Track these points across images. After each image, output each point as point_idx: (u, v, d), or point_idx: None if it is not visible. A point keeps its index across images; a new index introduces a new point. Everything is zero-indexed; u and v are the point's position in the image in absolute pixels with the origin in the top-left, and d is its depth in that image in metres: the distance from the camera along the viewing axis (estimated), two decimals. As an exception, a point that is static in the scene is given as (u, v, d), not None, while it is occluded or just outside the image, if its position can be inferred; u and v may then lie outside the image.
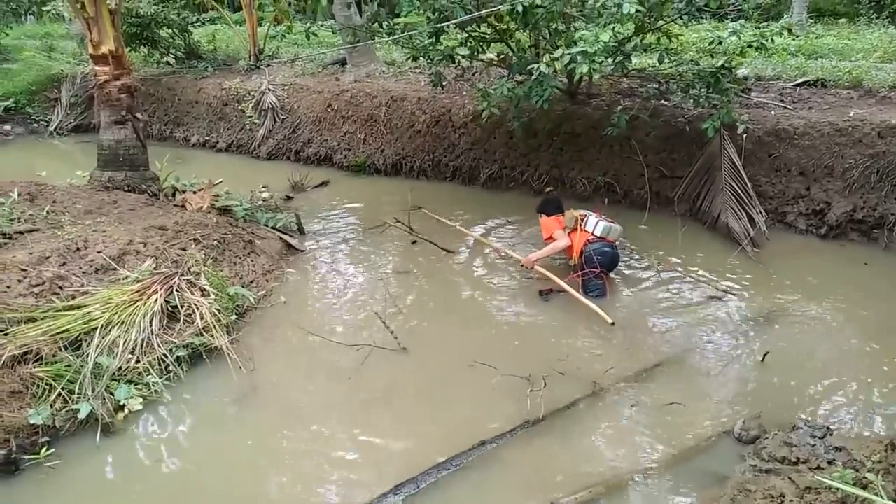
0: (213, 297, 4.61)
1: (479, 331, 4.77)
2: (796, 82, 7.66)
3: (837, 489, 2.67)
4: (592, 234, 5.27)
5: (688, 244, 6.15)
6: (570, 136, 7.49)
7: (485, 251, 6.10)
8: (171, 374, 4.04)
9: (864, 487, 2.60)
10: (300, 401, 3.98)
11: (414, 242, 6.26)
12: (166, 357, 4.09)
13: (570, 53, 5.14)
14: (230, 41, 12.87)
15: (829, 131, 6.36)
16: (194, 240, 5.28)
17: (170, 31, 11.71)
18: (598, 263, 5.10)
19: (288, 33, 11.10)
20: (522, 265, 5.44)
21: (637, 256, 5.88)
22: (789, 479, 3.00)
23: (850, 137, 6.24)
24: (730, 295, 5.20)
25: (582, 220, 5.35)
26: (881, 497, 2.42)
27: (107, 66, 6.46)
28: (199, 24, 12.29)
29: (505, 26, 6.87)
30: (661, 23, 6.19)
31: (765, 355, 4.27)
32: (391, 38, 7.36)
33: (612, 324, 4.56)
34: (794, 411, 3.77)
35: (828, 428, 3.44)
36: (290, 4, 11.03)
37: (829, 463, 3.12)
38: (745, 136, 6.34)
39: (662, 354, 4.38)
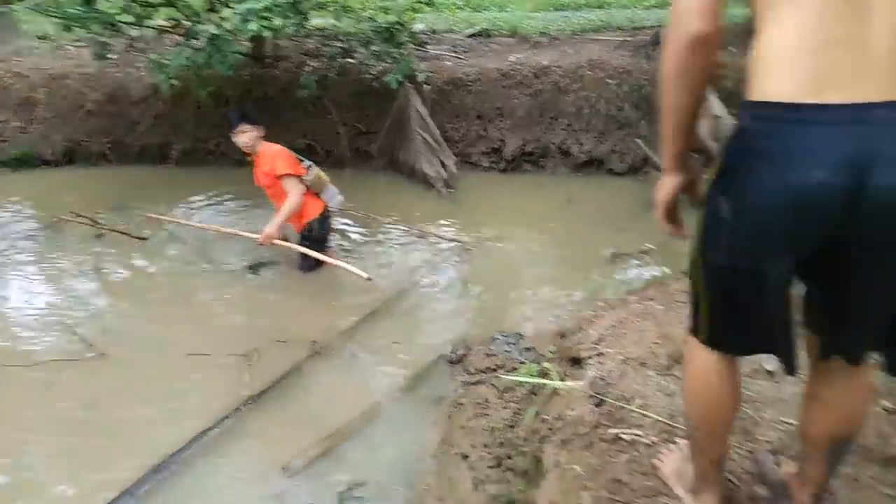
0: None
1: (191, 319, 4.44)
2: (466, 34, 8.38)
3: (526, 383, 3.06)
4: (326, 206, 4.84)
5: (390, 194, 6.44)
6: (263, 100, 7.23)
7: (182, 233, 5.62)
8: None
9: (545, 376, 3.02)
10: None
11: (100, 235, 5.53)
12: None
13: (238, 12, 4.92)
14: None
15: (495, 76, 7.09)
16: None
17: None
18: (323, 239, 4.89)
19: None
20: (260, 243, 4.65)
21: (344, 213, 5.97)
22: (492, 384, 3.35)
23: (512, 80, 7.04)
24: (432, 234, 5.58)
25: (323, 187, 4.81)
26: (554, 380, 2.83)
27: None
28: None
29: (170, -12, 6.29)
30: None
31: (466, 284, 4.70)
32: (31, 5, 6.27)
33: (369, 279, 4.29)
34: (495, 327, 4.18)
35: (519, 334, 3.91)
36: None
37: (522, 363, 3.55)
38: (426, 86, 6.77)
39: (377, 300, 4.53)
